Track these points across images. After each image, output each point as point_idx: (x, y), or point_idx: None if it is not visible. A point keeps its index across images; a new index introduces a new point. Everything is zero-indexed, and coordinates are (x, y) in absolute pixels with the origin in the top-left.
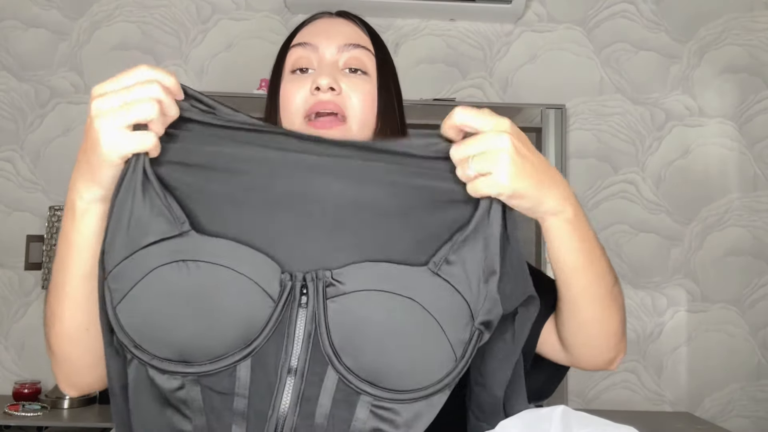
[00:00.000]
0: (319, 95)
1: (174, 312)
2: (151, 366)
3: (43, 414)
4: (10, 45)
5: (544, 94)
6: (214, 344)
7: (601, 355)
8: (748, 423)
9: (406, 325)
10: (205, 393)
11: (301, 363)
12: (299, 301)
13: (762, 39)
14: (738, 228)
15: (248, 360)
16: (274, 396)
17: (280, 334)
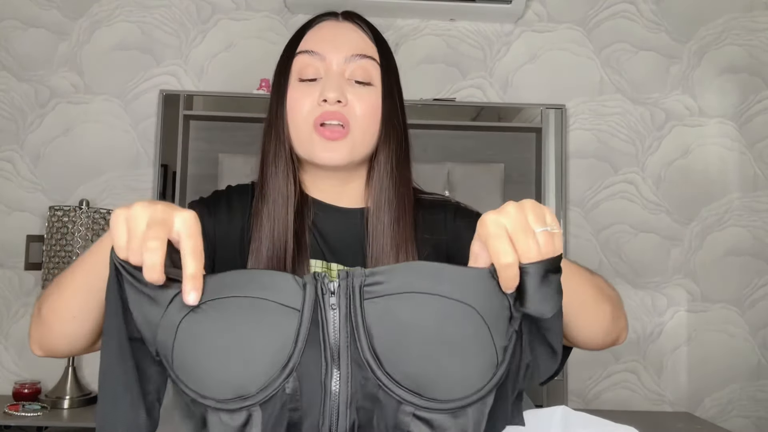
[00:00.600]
0: (326, 106)
1: (211, 355)
2: (220, 410)
3: (43, 414)
4: (10, 45)
5: (544, 94)
6: (258, 372)
7: (605, 340)
8: (748, 423)
9: (458, 333)
10: (266, 420)
11: (344, 369)
12: (329, 304)
13: (762, 39)
14: (738, 228)
15: (292, 376)
16: (322, 407)
17: (315, 342)
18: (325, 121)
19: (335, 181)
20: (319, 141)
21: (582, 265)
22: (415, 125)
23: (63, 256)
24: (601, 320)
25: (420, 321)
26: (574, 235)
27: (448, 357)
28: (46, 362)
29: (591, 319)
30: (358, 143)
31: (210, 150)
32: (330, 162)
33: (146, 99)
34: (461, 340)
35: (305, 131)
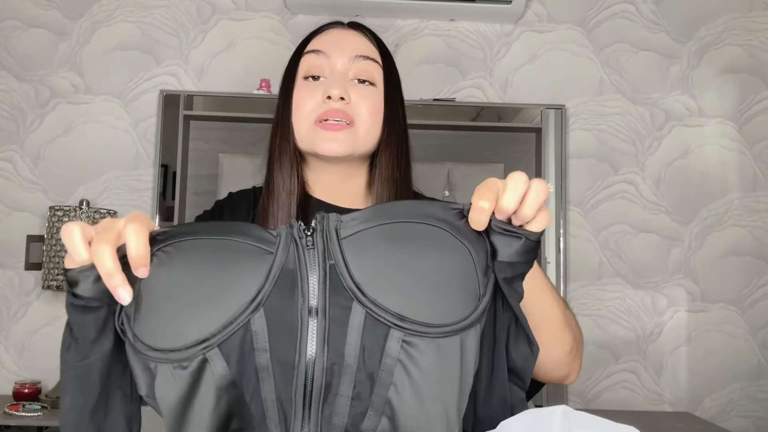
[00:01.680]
0: (330, 103)
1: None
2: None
3: (43, 414)
4: (10, 45)
5: (544, 94)
6: (222, 311)
7: (555, 371)
8: (748, 423)
9: (439, 253)
10: (226, 358)
11: (321, 302)
12: (305, 244)
13: (762, 39)
14: (738, 228)
15: (260, 311)
16: (298, 341)
17: (288, 279)
18: (329, 117)
19: (337, 178)
20: (321, 132)
21: (560, 296)
22: (415, 125)
23: (63, 256)
24: (559, 347)
25: (398, 248)
26: (574, 235)
27: (429, 282)
28: (46, 362)
29: (551, 340)
30: (361, 138)
31: (210, 150)
32: (331, 152)
33: (146, 99)
34: (442, 264)
35: (308, 126)
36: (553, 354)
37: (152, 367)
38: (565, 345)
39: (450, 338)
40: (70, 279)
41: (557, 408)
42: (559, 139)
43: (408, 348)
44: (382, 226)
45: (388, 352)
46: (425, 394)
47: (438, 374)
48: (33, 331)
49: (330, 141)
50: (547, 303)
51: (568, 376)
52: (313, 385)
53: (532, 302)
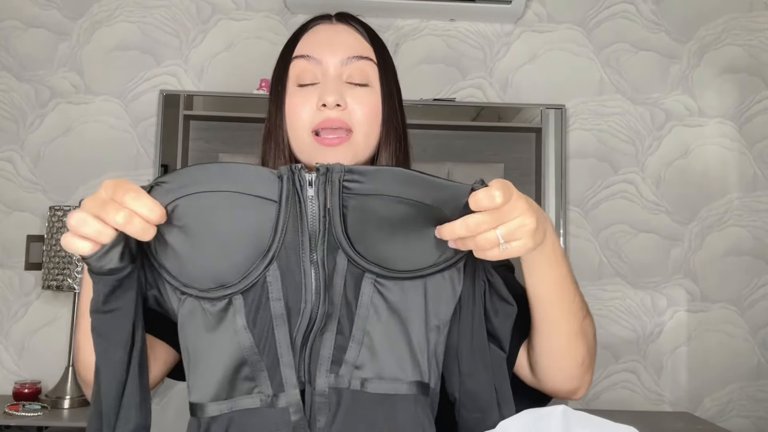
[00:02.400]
0: (325, 111)
1: (193, 248)
2: (201, 298)
3: (43, 414)
4: (10, 45)
5: (544, 94)
6: (238, 261)
7: (564, 382)
8: (748, 423)
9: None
10: (248, 308)
11: (320, 254)
12: (307, 195)
13: (762, 39)
14: (738, 228)
15: (274, 264)
16: (303, 290)
17: (293, 231)
18: (326, 126)
19: None
20: (321, 149)
21: (584, 303)
22: (415, 125)
23: (63, 256)
24: (572, 357)
25: (388, 218)
26: (574, 235)
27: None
28: (46, 362)
29: (563, 348)
30: (360, 148)
31: (210, 150)
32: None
33: (146, 99)
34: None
35: (306, 138)
36: (565, 365)
37: (181, 299)
38: (578, 356)
39: (413, 281)
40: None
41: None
42: (559, 139)
43: (379, 288)
44: (382, 197)
45: (364, 291)
46: (395, 325)
47: (404, 308)
48: (33, 331)
49: (330, 159)
50: (563, 308)
51: (577, 390)
52: (313, 327)
53: (548, 303)
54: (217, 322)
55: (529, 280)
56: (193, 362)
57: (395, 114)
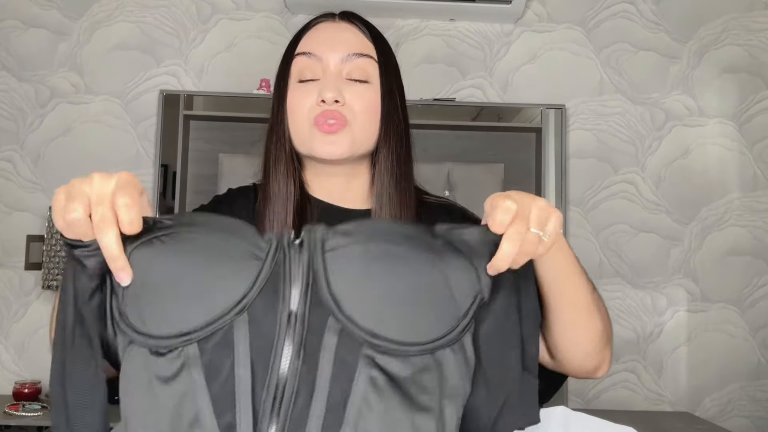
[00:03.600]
0: (324, 106)
1: (163, 288)
2: (151, 346)
3: (43, 414)
4: (10, 45)
5: (544, 94)
6: (208, 307)
7: (585, 360)
8: (747, 423)
9: (412, 276)
10: (208, 364)
11: (300, 309)
12: (292, 254)
13: (762, 39)
14: (738, 228)
15: (244, 314)
16: (275, 343)
17: (273, 286)
18: (324, 120)
19: (338, 179)
20: (318, 135)
21: (588, 278)
22: (415, 125)
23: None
24: (587, 331)
25: (377, 266)
26: (574, 235)
27: (405, 302)
28: (46, 362)
29: (577, 323)
30: (358, 138)
31: (210, 150)
32: (330, 155)
33: (146, 99)
34: (414, 294)
35: (305, 128)
36: (583, 339)
37: (127, 343)
38: (593, 330)
39: (423, 357)
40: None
41: (556, 409)
42: (559, 139)
43: (381, 369)
44: (367, 244)
45: (360, 373)
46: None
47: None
48: (33, 331)
49: (329, 144)
50: (575, 281)
51: (598, 367)
52: (285, 387)
53: (560, 278)
54: (167, 378)
55: (539, 260)
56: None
57: (395, 111)
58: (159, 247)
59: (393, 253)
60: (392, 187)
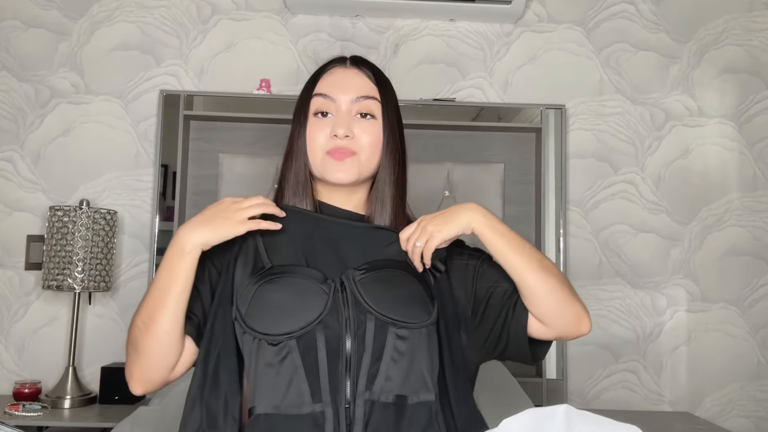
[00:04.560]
0: (336, 140)
1: (275, 308)
2: (269, 342)
3: (43, 414)
4: (10, 45)
5: (544, 94)
6: (300, 321)
7: (562, 314)
8: (747, 423)
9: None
10: (303, 352)
11: (352, 316)
12: (341, 290)
13: (762, 39)
14: (738, 228)
15: (320, 325)
16: (342, 337)
17: (335, 309)
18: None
19: (343, 192)
20: (330, 163)
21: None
22: (415, 125)
23: (63, 256)
24: (550, 289)
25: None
26: (573, 235)
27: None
28: (46, 362)
29: (539, 285)
30: (363, 166)
31: (210, 150)
32: (340, 181)
33: (146, 99)
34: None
35: (319, 157)
36: (549, 298)
37: (253, 341)
38: (551, 285)
39: (420, 329)
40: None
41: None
42: (559, 139)
43: (399, 336)
44: (377, 272)
45: (389, 338)
46: (411, 362)
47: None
48: (33, 331)
49: (339, 171)
50: (515, 253)
51: (579, 321)
52: (350, 364)
53: (506, 254)
54: (279, 358)
55: (485, 243)
56: (257, 381)
57: (394, 142)
58: (274, 284)
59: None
60: (388, 202)
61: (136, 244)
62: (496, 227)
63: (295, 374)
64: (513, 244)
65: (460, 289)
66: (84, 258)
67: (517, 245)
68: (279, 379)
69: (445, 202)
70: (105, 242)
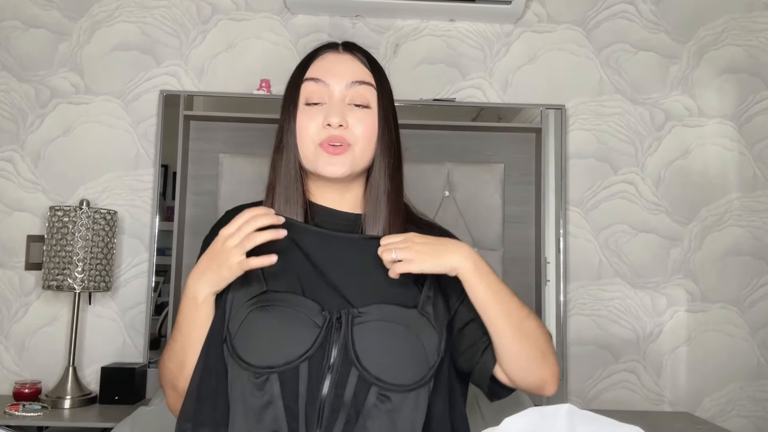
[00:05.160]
0: (330, 130)
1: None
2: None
3: (43, 414)
4: (10, 45)
5: (544, 95)
6: (287, 354)
7: (526, 377)
8: (747, 423)
9: (403, 343)
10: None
11: (336, 362)
12: (335, 326)
13: (762, 39)
14: (738, 228)
15: (306, 362)
16: (322, 382)
17: (323, 346)
18: (330, 142)
19: (336, 189)
20: (323, 156)
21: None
22: (415, 125)
23: (63, 256)
24: (522, 355)
25: (383, 336)
26: (573, 235)
27: (398, 357)
28: (46, 362)
29: (511, 347)
30: (357, 158)
31: (210, 150)
32: (333, 174)
33: (146, 99)
34: (405, 348)
35: (311, 149)
36: (518, 359)
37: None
38: (524, 350)
39: (409, 392)
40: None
41: (562, 406)
42: (559, 139)
43: (382, 396)
44: (376, 322)
45: (370, 398)
46: (392, 423)
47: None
48: (33, 331)
49: (332, 165)
50: (494, 310)
51: (542, 386)
52: (322, 414)
53: (480, 308)
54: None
55: (467, 290)
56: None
57: (390, 133)
58: (266, 312)
59: (392, 327)
60: (384, 199)
61: (136, 244)
62: (483, 279)
63: (272, 406)
64: (497, 301)
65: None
66: (84, 258)
67: (502, 303)
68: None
69: (445, 202)
70: (105, 242)
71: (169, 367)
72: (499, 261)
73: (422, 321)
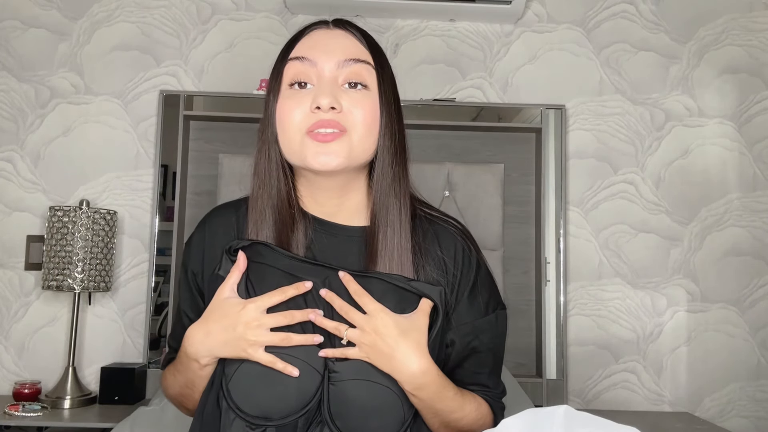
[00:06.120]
0: (319, 114)
1: (258, 388)
2: (247, 422)
3: (43, 414)
4: (10, 45)
5: (544, 95)
6: (284, 407)
7: None
8: (747, 423)
9: (380, 402)
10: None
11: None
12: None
13: (762, 39)
14: (738, 228)
15: (302, 417)
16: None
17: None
18: (319, 129)
19: (332, 193)
20: (311, 145)
21: (462, 405)
22: (415, 125)
23: (63, 256)
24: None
25: (358, 396)
26: (573, 235)
27: (374, 416)
28: (46, 362)
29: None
30: (355, 148)
31: (210, 150)
32: (325, 167)
33: (146, 99)
34: (382, 406)
35: (297, 139)
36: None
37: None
38: None
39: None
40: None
41: (559, 408)
42: (559, 140)
43: None
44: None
45: None
46: None
47: None
48: (33, 331)
49: (323, 154)
50: (427, 417)
51: None
52: None
53: (420, 408)
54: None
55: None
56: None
57: (394, 122)
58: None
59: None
60: (390, 205)
61: (136, 244)
62: (422, 400)
63: None
64: (432, 413)
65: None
66: (84, 258)
67: (437, 414)
68: None
69: (445, 202)
70: (105, 242)
71: (174, 396)
72: (499, 261)
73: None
